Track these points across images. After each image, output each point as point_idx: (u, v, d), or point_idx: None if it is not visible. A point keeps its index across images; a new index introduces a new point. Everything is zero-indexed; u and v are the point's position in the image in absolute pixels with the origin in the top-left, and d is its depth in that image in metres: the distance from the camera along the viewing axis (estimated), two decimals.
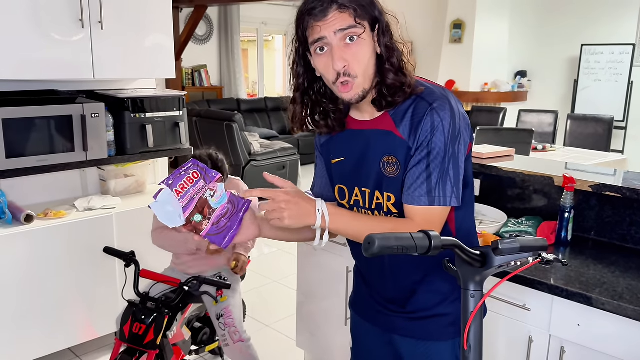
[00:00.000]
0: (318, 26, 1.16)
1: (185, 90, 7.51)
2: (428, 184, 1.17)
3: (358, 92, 1.19)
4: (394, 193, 1.23)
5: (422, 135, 1.17)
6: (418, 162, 1.18)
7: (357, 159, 1.30)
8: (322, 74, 1.22)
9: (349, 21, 1.14)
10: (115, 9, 2.72)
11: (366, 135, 1.28)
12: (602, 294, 1.56)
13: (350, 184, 1.33)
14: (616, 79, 6.74)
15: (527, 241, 0.96)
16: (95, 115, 2.71)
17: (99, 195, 2.92)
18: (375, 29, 1.19)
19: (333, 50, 1.16)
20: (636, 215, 2.00)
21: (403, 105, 1.22)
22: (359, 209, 1.33)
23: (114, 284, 2.77)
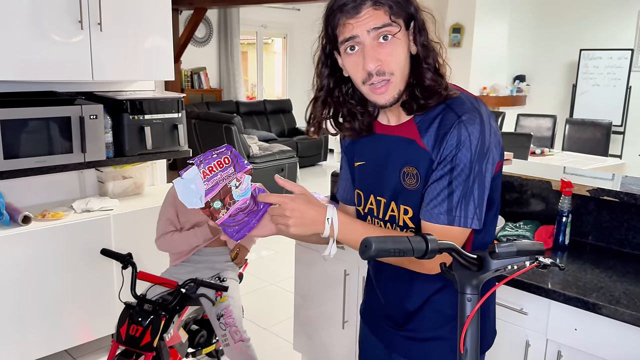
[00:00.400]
0: (350, 24, 1.07)
1: (184, 92, 7.52)
2: (449, 202, 1.08)
3: (394, 94, 1.10)
4: (412, 207, 1.15)
5: (447, 149, 1.08)
6: (440, 178, 1.09)
7: (377, 165, 1.22)
8: (351, 74, 1.13)
9: (384, 19, 1.06)
10: (114, 11, 2.72)
11: (389, 141, 1.20)
12: (599, 299, 1.56)
13: (367, 191, 1.26)
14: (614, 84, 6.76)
15: (524, 245, 0.96)
16: (94, 116, 2.71)
17: (97, 197, 2.92)
18: (411, 26, 1.11)
19: (365, 49, 1.07)
20: (634, 220, 2.00)
21: (431, 113, 1.12)
22: (372, 218, 1.26)
23: (111, 285, 2.76)
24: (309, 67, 1.26)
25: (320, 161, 8.51)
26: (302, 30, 9.41)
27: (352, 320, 2.33)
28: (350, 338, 2.34)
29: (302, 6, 9.21)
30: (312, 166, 8.34)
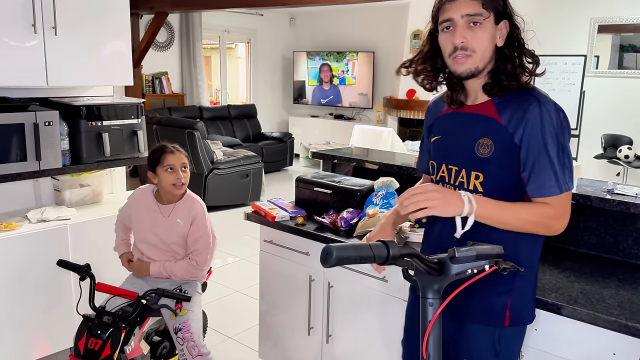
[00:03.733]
0: (450, 5, 1.33)
1: (146, 97, 7.38)
2: (554, 173, 1.31)
3: (470, 67, 1.34)
4: (483, 172, 1.37)
5: (531, 127, 1.30)
6: (538, 154, 1.30)
7: (452, 138, 1.46)
8: (443, 48, 1.38)
9: (476, 8, 1.30)
10: (70, 15, 2.65)
11: (466, 117, 1.43)
12: (557, 299, 1.59)
13: (440, 161, 1.48)
14: (569, 89, 6.98)
15: (483, 249, 0.97)
16: (49, 123, 2.62)
17: (53, 206, 2.82)
18: (501, 23, 1.34)
19: (456, 28, 1.32)
20: (589, 221, 2.06)
21: (509, 95, 1.36)
22: (443, 184, 1.47)
23: (69, 298, 2.67)
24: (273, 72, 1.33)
25: (286, 166, 8.48)
26: (266, 36, 9.38)
27: (317, 327, 2.32)
28: (316, 344, 2.33)
29: (265, 11, 9.18)
30: (278, 171, 8.31)
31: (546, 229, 1.35)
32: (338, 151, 3.04)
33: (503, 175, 1.37)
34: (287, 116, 9.82)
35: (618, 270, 1.87)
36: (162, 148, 2.29)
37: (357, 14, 8.85)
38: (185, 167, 2.29)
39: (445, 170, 1.47)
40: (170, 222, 2.29)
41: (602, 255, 2.03)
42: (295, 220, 2.32)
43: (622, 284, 1.73)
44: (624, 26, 6.69)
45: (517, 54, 1.38)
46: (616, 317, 1.47)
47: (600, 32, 6.85)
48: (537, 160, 1.32)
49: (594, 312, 1.50)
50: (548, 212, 1.33)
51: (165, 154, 2.27)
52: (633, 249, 1.96)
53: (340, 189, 2.39)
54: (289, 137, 8.49)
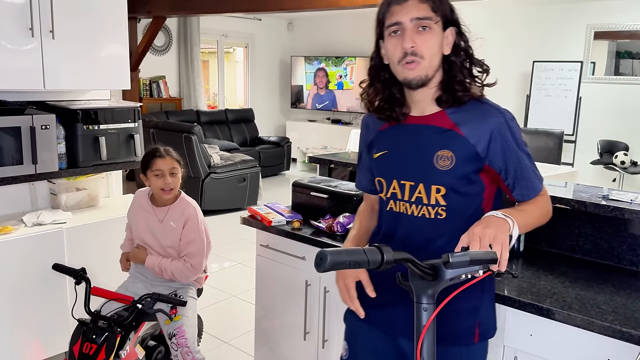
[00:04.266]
0: (398, 7, 1.27)
1: (143, 101, 7.38)
2: (535, 173, 1.35)
3: (421, 74, 1.28)
4: (445, 185, 1.32)
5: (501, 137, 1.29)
6: (518, 162, 1.32)
7: (401, 153, 1.39)
8: (390, 55, 1.31)
9: (426, 11, 1.26)
10: (68, 18, 2.65)
11: (416, 130, 1.37)
12: (552, 304, 1.59)
13: (389, 177, 1.41)
14: (566, 95, 7.01)
15: (477, 254, 0.98)
16: (46, 126, 2.62)
17: (49, 210, 2.82)
18: (447, 30, 1.30)
19: (405, 32, 1.26)
20: (584, 227, 2.06)
21: (466, 106, 1.33)
22: (395, 202, 1.40)
23: (64, 302, 2.66)
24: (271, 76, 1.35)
25: (283, 171, 8.48)
26: (264, 40, 9.40)
27: (313, 331, 2.32)
28: (312, 349, 2.33)
29: (263, 16, 9.20)
30: (275, 176, 8.31)
31: (549, 216, 1.41)
32: (335, 156, 3.04)
33: (463, 186, 1.34)
34: (284, 120, 9.83)
35: (612, 276, 1.87)
36: (152, 152, 2.29)
37: (355, 19, 8.88)
38: (175, 172, 2.27)
39: (397, 187, 1.40)
40: (164, 225, 2.29)
41: (596, 260, 2.03)
42: (292, 224, 2.32)
43: (616, 290, 1.73)
44: (620, 33, 6.73)
45: (466, 63, 1.35)
46: (610, 322, 1.48)
47: (596, 38, 6.90)
48: (518, 167, 1.33)
49: (589, 318, 1.50)
50: (548, 200, 1.40)
51: (154, 158, 2.27)
52: (628, 255, 1.97)
53: (336, 194, 2.39)
54: (286, 141, 8.50)
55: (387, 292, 1.38)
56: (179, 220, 2.28)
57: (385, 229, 1.47)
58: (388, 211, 1.44)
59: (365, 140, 1.54)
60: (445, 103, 1.33)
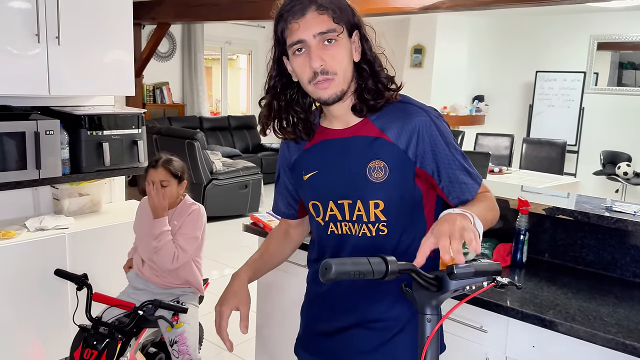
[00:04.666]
0: (297, 24, 1.15)
1: (146, 107, 7.40)
2: (468, 174, 1.24)
3: (336, 91, 1.18)
4: (383, 199, 1.21)
5: (429, 137, 1.20)
6: (449, 163, 1.21)
7: (333, 170, 1.27)
8: (298, 74, 1.21)
9: (328, 23, 1.15)
10: (73, 24, 2.66)
11: (344, 143, 1.26)
12: (555, 316, 1.59)
13: (324, 199, 1.28)
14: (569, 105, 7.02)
15: (481, 266, 0.97)
16: (50, 132, 2.63)
17: (52, 215, 2.82)
18: (354, 35, 1.21)
19: (311, 50, 1.16)
20: (587, 238, 2.06)
21: (386, 110, 1.24)
22: (336, 224, 1.28)
23: (65, 308, 2.66)
24: None
25: None
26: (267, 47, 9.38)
27: None
28: None
29: (266, 24, 9.24)
30: None
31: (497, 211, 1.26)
32: None
33: (402, 196, 1.23)
34: None
35: (615, 288, 1.86)
36: (151, 161, 2.31)
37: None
38: (165, 184, 2.26)
39: (335, 208, 1.27)
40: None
41: (599, 272, 2.03)
42: None
43: (619, 302, 1.73)
44: (623, 44, 6.75)
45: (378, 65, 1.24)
46: (614, 335, 1.47)
47: (599, 49, 6.92)
48: (450, 169, 1.22)
49: (592, 330, 1.50)
50: (492, 196, 1.27)
51: (149, 167, 2.30)
52: (631, 267, 1.96)
53: None
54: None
55: (337, 320, 1.33)
56: (181, 219, 2.30)
57: (330, 255, 1.32)
58: (329, 235, 1.31)
59: (287, 160, 1.40)
60: (360, 112, 1.24)
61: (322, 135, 1.30)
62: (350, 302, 1.31)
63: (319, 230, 1.34)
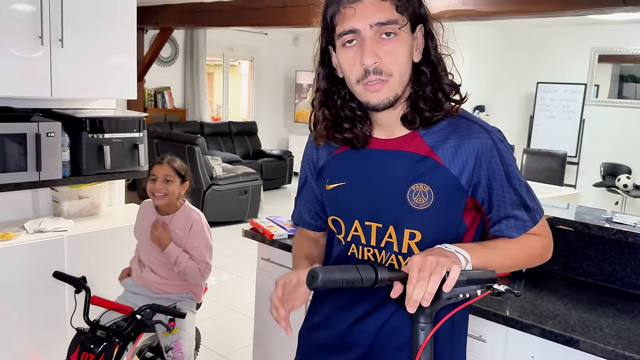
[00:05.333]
0: (352, 9, 0.96)
1: (147, 111, 7.41)
2: (525, 207, 1.06)
3: (389, 95, 1.00)
4: (421, 230, 1.04)
5: (489, 162, 1.03)
6: (503, 194, 1.04)
7: (365, 185, 1.09)
8: (346, 71, 1.02)
9: (390, 13, 0.96)
10: (77, 27, 2.67)
11: (385, 156, 1.08)
12: (554, 326, 1.58)
13: (349, 216, 1.11)
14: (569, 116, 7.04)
15: (474, 274, 0.96)
16: (51, 134, 2.63)
17: (51, 217, 2.82)
18: (417, 30, 1.03)
19: (364, 42, 0.97)
20: (587, 249, 2.06)
21: (440, 125, 1.05)
22: (358, 247, 1.10)
23: (63, 310, 2.64)
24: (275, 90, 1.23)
25: (285, 184, 8.49)
26: (269, 54, 9.47)
27: None
28: None
29: (269, 30, 9.28)
30: (277, 189, 8.31)
31: (541, 259, 1.14)
32: None
33: (443, 230, 1.06)
34: (287, 134, 9.86)
35: (616, 299, 1.86)
36: (158, 158, 2.35)
37: None
38: (170, 179, 2.28)
39: (360, 229, 1.09)
40: None
41: (600, 283, 2.02)
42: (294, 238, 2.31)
43: (619, 313, 1.72)
44: (624, 56, 6.78)
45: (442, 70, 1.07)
46: (613, 346, 1.46)
47: (600, 61, 6.94)
48: (502, 204, 1.06)
49: (592, 341, 1.49)
50: (542, 241, 1.12)
51: (154, 165, 2.33)
52: (631, 278, 1.96)
53: None
54: (289, 155, 8.52)
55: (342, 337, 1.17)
56: (184, 228, 2.29)
57: None
58: (349, 257, 1.13)
59: (314, 163, 1.21)
60: (411, 124, 1.05)
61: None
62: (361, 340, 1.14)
63: (339, 250, 1.16)
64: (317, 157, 1.21)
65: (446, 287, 0.89)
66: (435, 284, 0.88)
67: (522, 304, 1.76)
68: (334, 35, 1.02)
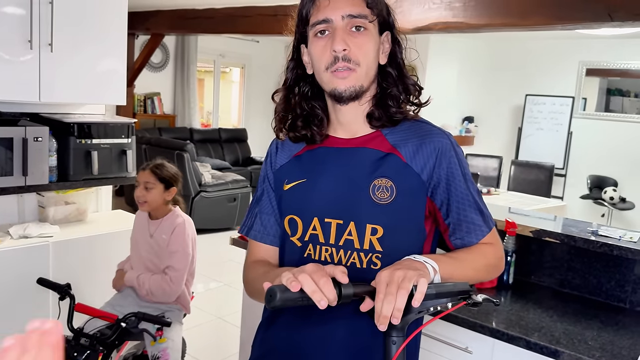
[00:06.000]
0: (326, 1, 1.02)
1: (137, 117, 7.37)
2: (480, 212, 1.10)
3: (355, 84, 1.04)
4: (383, 225, 1.04)
5: (448, 164, 1.07)
6: (462, 197, 1.08)
7: (326, 180, 1.09)
8: (315, 60, 1.06)
9: (361, 7, 1.03)
10: (67, 32, 2.66)
11: (348, 153, 1.10)
12: (540, 338, 1.59)
13: (308, 214, 1.09)
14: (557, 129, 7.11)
15: (444, 287, 0.94)
16: (39, 139, 2.61)
17: (37, 223, 2.78)
18: (384, 35, 1.09)
19: (336, 31, 1.02)
20: (573, 262, 2.07)
21: (400, 127, 1.10)
22: (315, 246, 1.08)
23: (47, 317, 2.61)
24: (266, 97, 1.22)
25: None
26: (261, 62, 9.48)
27: None
28: None
29: (260, 38, 9.29)
30: None
31: (496, 269, 1.15)
32: None
33: (405, 227, 1.07)
34: None
35: (600, 312, 1.87)
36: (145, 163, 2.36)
37: None
38: (149, 186, 2.29)
39: (319, 227, 1.07)
40: (154, 239, 2.30)
41: (585, 296, 2.04)
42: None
43: (604, 326, 1.73)
44: (611, 70, 6.87)
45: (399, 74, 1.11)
46: (597, 358, 1.47)
47: (588, 75, 7.03)
48: (461, 205, 1.08)
49: (576, 354, 1.50)
50: (497, 252, 1.13)
51: (140, 170, 2.36)
52: (615, 291, 1.97)
53: None
54: None
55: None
56: (168, 233, 2.29)
57: None
58: (305, 259, 1.08)
59: (271, 168, 1.20)
60: (378, 121, 1.09)
61: (322, 141, 1.14)
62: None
63: (292, 254, 1.12)
64: (276, 158, 1.20)
65: (415, 302, 0.88)
66: (403, 299, 0.87)
67: (509, 316, 1.77)
68: (307, 28, 1.07)
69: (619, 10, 2.89)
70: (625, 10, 2.88)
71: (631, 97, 6.86)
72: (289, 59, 1.15)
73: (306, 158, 1.15)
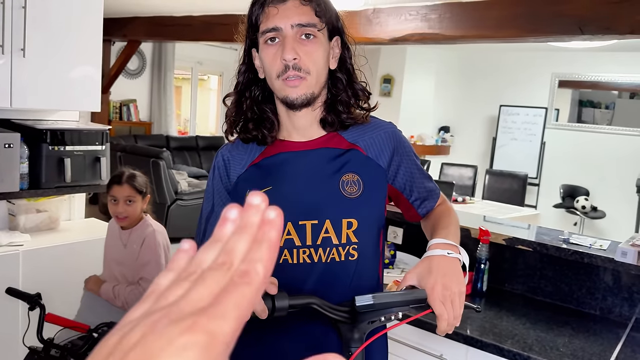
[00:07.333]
0: (275, 9, 1.03)
1: (112, 124, 7.28)
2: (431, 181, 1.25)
3: (307, 92, 1.06)
4: (357, 217, 1.08)
5: (401, 148, 1.18)
6: (418, 175, 1.21)
7: (295, 185, 1.10)
8: (267, 67, 1.08)
9: (309, 16, 1.04)
10: (41, 37, 2.62)
11: (308, 155, 1.13)
12: (513, 345, 1.61)
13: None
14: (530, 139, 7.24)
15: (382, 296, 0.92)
16: (9, 145, 2.55)
17: (6, 231, 2.72)
18: (333, 40, 1.12)
19: (286, 40, 1.03)
20: (545, 269, 2.11)
21: (353, 127, 1.16)
22: (292, 251, 1.07)
23: (16, 328, 2.54)
24: None
25: None
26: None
27: None
28: None
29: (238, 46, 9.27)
30: None
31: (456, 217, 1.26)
32: None
33: (374, 215, 1.13)
34: None
35: (572, 319, 1.91)
36: (114, 176, 2.29)
37: None
38: (132, 200, 2.24)
39: (294, 231, 1.07)
40: (128, 249, 2.26)
41: (557, 303, 2.07)
42: None
43: (575, 333, 1.76)
44: (583, 82, 7.04)
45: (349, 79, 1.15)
46: None
47: (560, 86, 7.19)
48: (419, 180, 1.21)
49: None
50: (450, 204, 1.29)
51: (112, 184, 2.26)
52: (586, 299, 2.01)
53: None
54: None
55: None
56: (138, 242, 2.25)
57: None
58: (281, 266, 1.07)
59: (225, 182, 1.17)
60: (331, 126, 1.13)
61: (278, 147, 1.15)
62: None
63: None
64: (227, 174, 1.18)
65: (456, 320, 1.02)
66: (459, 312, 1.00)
67: (482, 323, 1.78)
68: (257, 34, 1.09)
69: (589, 24, 2.98)
70: (595, 24, 2.97)
71: (602, 108, 7.03)
72: (240, 63, 1.17)
73: (266, 165, 1.15)
